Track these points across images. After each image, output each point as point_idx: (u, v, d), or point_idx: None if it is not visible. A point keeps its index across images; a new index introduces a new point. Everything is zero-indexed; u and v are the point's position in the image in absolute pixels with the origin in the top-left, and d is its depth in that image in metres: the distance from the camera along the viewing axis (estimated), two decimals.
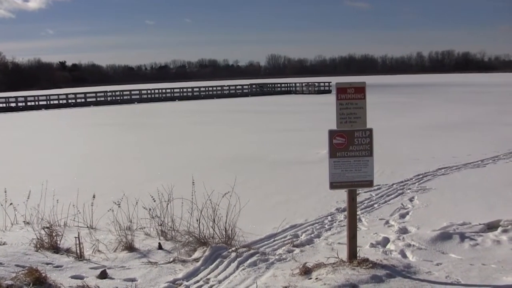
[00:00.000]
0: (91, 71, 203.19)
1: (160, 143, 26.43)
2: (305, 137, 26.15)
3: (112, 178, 16.98)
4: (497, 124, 30.22)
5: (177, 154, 22.37)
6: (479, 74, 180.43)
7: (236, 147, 24.02)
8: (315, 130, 27.00)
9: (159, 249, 9.25)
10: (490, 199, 12.88)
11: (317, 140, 22.25)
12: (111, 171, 18.56)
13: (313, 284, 7.15)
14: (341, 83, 7.84)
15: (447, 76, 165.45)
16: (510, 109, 41.12)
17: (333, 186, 7.92)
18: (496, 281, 7.36)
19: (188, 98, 78.45)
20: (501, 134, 25.57)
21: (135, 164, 20.15)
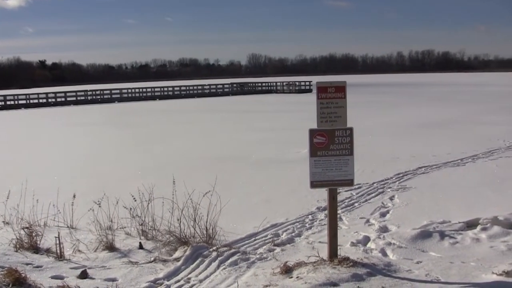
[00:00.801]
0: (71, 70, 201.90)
1: (140, 143, 26.34)
2: (285, 136, 26.17)
3: (93, 178, 16.90)
4: (477, 123, 30.42)
5: (157, 153, 22.31)
6: (459, 73, 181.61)
7: (217, 146, 23.99)
8: (296, 129, 27.03)
9: (140, 248, 9.23)
10: (470, 197, 12.97)
11: (297, 139, 22.31)
12: (92, 171, 18.48)
13: (294, 283, 7.16)
14: (321, 82, 7.85)
15: (427, 76, 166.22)
16: (489, 108, 41.41)
17: (313, 185, 7.94)
18: (476, 278, 7.41)
19: (169, 97, 78.21)
20: (481, 133, 25.73)
21: (115, 163, 20.08)
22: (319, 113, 7.80)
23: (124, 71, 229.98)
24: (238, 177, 16.30)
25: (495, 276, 7.39)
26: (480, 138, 23.59)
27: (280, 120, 36.71)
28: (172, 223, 9.45)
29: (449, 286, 7.08)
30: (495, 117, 33.97)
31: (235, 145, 24.18)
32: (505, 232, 9.61)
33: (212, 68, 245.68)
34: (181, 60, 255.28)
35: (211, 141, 25.90)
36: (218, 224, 9.45)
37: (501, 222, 9.98)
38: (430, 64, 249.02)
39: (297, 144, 21.37)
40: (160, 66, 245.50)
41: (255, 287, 7.20)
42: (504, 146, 21.19)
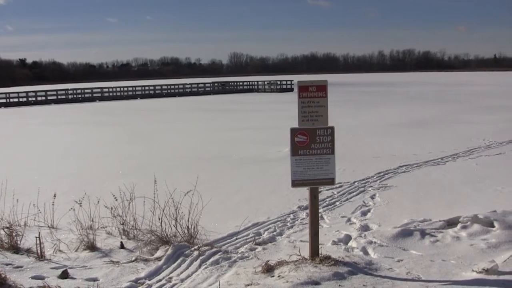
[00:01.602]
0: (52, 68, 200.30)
1: (121, 142, 26.25)
2: (267, 135, 26.19)
3: (74, 177, 16.82)
4: (457, 123, 30.59)
5: (139, 152, 22.24)
6: (439, 72, 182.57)
7: (198, 145, 23.96)
8: (277, 128, 27.10)
9: (121, 248, 9.20)
10: (450, 196, 13.05)
11: (279, 138, 22.35)
12: (73, 170, 18.38)
13: (276, 282, 7.17)
14: (303, 82, 7.86)
15: (408, 75, 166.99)
16: (469, 107, 41.67)
17: (295, 184, 7.95)
18: (456, 276, 7.46)
19: (150, 96, 78.02)
20: (461, 132, 25.89)
21: (96, 162, 19.99)
22: (300, 112, 7.81)
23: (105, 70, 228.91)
24: (219, 176, 16.29)
25: (475, 274, 7.44)
26: (461, 137, 23.73)
27: (261, 119, 36.71)
28: (154, 222, 9.44)
29: (430, 284, 7.11)
30: (475, 116, 34.17)
31: (216, 144, 24.15)
32: (485, 230, 9.67)
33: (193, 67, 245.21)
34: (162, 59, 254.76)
35: (192, 140, 25.85)
36: (200, 223, 9.44)
37: (481, 220, 10.03)
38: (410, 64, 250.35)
39: (279, 143, 21.40)
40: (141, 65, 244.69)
41: (236, 286, 7.20)
42: (484, 145, 21.33)
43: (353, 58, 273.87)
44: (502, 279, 7.14)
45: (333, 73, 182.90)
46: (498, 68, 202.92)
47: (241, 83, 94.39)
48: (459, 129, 27.07)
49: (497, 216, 10.21)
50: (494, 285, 6.89)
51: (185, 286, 7.38)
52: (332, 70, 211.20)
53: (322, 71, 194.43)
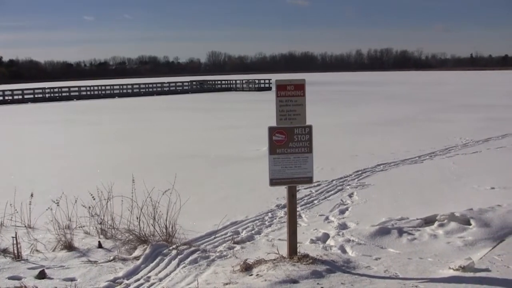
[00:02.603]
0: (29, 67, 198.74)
1: (99, 141, 26.11)
2: (245, 134, 26.20)
3: (51, 177, 16.71)
4: (434, 121, 30.79)
5: (117, 151, 22.15)
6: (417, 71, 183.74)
7: (176, 144, 23.90)
8: (255, 127, 27.10)
9: (99, 247, 9.16)
10: (427, 194, 13.14)
11: (257, 137, 22.33)
12: (50, 170, 18.26)
13: (254, 280, 7.18)
14: (280, 80, 7.88)
15: (385, 74, 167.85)
16: (446, 106, 41.98)
17: (273, 183, 7.96)
18: (433, 274, 7.52)
19: (128, 95, 77.65)
20: (438, 131, 26.07)
21: (74, 162, 19.86)
22: (278, 111, 7.82)
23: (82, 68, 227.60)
24: (197, 175, 16.27)
25: (452, 271, 7.50)
26: (437, 136, 23.90)
27: (239, 118, 36.70)
28: (132, 222, 9.42)
29: (407, 282, 7.16)
30: (452, 115, 34.43)
31: (194, 143, 24.11)
32: (461, 228, 9.75)
33: (171, 65, 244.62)
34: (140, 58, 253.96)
35: (170, 139, 25.79)
36: (178, 222, 9.42)
37: (457, 218, 10.11)
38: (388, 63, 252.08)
39: (257, 142, 21.41)
40: (119, 64, 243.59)
41: (215, 285, 7.20)
42: (461, 144, 21.49)
43: (331, 57, 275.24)
44: (478, 276, 7.21)
45: (311, 72, 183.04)
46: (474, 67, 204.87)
47: (219, 82, 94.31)
48: (436, 128, 27.25)
49: (474, 214, 10.30)
50: (471, 282, 6.95)
51: (163, 286, 7.37)
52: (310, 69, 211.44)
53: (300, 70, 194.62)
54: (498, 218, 10.14)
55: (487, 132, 24.91)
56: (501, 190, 13.35)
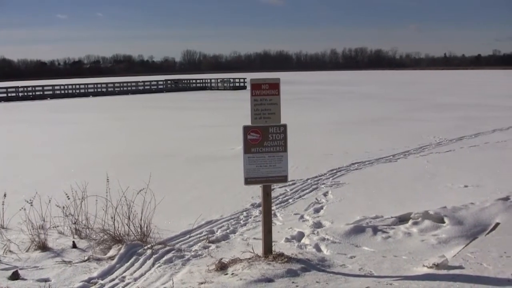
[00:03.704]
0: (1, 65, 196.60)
1: (73, 140, 25.91)
2: (220, 133, 26.17)
3: (24, 176, 16.54)
4: (408, 120, 30.98)
5: (91, 151, 22.00)
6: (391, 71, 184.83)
7: (151, 143, 23.80)
8: (230, 126, 27.09)
9: (73, 247, 9.12)
10: (401, 193, 13.22)
11: (232, 136, 22.34)
12: (23, 169, 18.08)
13: (229, 279, 7.18)
14: (255, 79, 7.89)
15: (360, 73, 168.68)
16: (420, 105, 42.27)
17: (248, 182, 7.97)
18: (407, 272, 7.58)
19: (102, 94, 77.10)
20: (412, 129, 26.23)
21: (47, 161, 19.71)
22: (253, 110, 7.83)
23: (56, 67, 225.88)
24: (172, 174, 16.22)
25: (426, 268, 7.57)
26: (412, 135, 24.04)
27: (214, 117, 36.66)
28: (106, 221, 9.38)
29: (382, 280, 7.20)
30: (426, 114, 34.68)
31: (169, 142, 24.03)
32: (435, 226, 9.84)
33: (146, 64, 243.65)
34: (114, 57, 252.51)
35: (145, 138, 25.68)
36: (153, 221, 9.41)
37: (431, 216, 10.20)
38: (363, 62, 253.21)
39: (231, 141, 21.40)
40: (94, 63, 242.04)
41: (190, 284, 7.20)
42: (434, 142, 21.64)
43: (306, 56, 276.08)
44: (452, 274, 7.27)
45: (286, 71, 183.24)
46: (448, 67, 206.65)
47: (194, 81, 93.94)
48: (410, 127, 27.42)
49: (447, 212, 10.40)
50: (444, 279, 7.00)
51: (138, 285, 7.35)
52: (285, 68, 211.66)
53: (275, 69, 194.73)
54: (471, 216, 10.26)
55: (460, 131, 25.12)
56: (474, 188, 13.46)
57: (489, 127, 26.54)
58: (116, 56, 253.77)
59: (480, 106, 39.79)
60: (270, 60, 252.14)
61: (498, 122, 28.77)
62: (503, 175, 14.94)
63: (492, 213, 10.53)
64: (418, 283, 6.94)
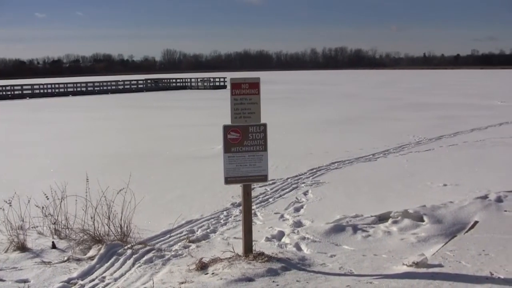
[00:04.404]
0: None
1: (53, 140, 25.76)
2: (200, 133, 26.14)
3: (3, 176, 16.44)
4: (388, 120, 31.12)
5: (70, 150, 21.89)
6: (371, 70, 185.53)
7: (131, 143, 23.72)
8: (210, 125, 27.05)
9: (52, 248, 9.07)
10: (381, 191, 13.28)
11: (212, 135, 22.32)
12: (2, 169, 17.94)
13: (210, 279, 7.18)
14: (235, 79, 7.90)
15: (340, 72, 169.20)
16: (400, 104, 42.49)
17: (228, 181, 7.97)
18: (387, 270, 7.62)
19: (82, 93, 76.70)
20: (391, 129, 26.36)
21: (26, 161, 19.58)
22: (233, 109, 7.84)
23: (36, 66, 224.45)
24: (152, 174, 16.17)
25: (405, 267, 7.61)
26: (391, 134, 24.16)
27: (194, 116, 36.60)
28: (86, 221, 9.34)
29: (362, 279, 7.23)
30: (405, 113, 34.85)
31: (149, 141, 23.97)
32: (414, 225, 9.90)
33: (126, 64, 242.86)
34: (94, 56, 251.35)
35: (125, 138, 25.58)
36: (133, 221, 9.38)
37: (411, 215, 10.25)
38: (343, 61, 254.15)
39: (212, 140, 21.38)
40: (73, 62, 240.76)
41: (170, 284, 7.18)
42: (414, 141, 21.76)
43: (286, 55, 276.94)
44: (431, 272, 7.33)
45: (266, 70, 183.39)
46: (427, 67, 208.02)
47: (174, 80, 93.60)
48: (390, 126, 27.54)
49: (427, 210, 10.46)
50: (424, 277, 7.06)
51: (118, 285, 7.33)
52: (265, 67, 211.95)
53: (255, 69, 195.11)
54: (450, 215, 10.32)
55: (439, 130, 25.28)
56: (453, 187, 13.56)
57: (467, 126, 26.72)
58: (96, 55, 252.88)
59: (459, 106, 40.05)
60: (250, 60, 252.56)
61: (476, 121, 28.97)
62: (481, 174, 15.05)
63: (470, 211, 10.60)
64: (397, 282, 6.99)
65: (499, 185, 13.14)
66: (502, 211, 10.77)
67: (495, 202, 11.40)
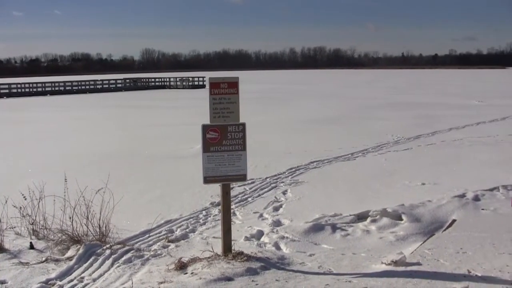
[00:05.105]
0: None
1: (30, 139, 25.60)
2: (179, 132, 26.10)
3: None
4: (367, 119, 31.24)
5: (49, 150, 21.75)
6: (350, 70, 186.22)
7: (109, 142, 23.61)
8: (189, 124, 26.96)
9: (30, 248, 9.01)
10: (360, 190, 13.33)
11: (191, 134, 22.27)
12: None
13: (189, 278, 7.17)
14: (214, 78, 7.90)
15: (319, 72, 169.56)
16: (378, 104, 42.68)
17: (207, 181, 7.98)
18: (366, 269, 7.66)
19: (60, 92, 76.18)
20: (370, 128, 26.48)
21: (3, 161, 19.43)
22: (212, 108, 7.85)
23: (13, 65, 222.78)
24: (131, 173, 16.12)
25: (384, 265, 7.65)
26: (370, 133, 24.27)
27: (173, 115, 36.51)
28: (64, 222, 9.29)
29: (341, 277, 7.26)
30: (384, 112, 35.05)
31: (128, 141, 23.87)
32: (393, 223, 9.95)
33: (104, 63, 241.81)
34: (73, 55, 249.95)
35: (104, 137, 25.46)
36: (112, 221, 9.35)
37: (389, 213, 10.30)
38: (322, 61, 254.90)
39: (191, 140, 21.35)
40: (51, 61, 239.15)
41: (149, 284, 7.17)
42: (392, 141, 21.87)
43: (265, 55, 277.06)
44: (409, 270, 7.37)
45: (245, 70, 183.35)
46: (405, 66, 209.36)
47: (153, 79, 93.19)
48: (369, 126, 27.66)
49: (405, 209, 10.53)
50: (402, 276, 7.10)
51: (97, 286, 7.30)
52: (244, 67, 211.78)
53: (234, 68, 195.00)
54: (428, 213, 10.40)
55: (417, 129, 25.45)
56: (431, 186, 13.65)
57: (445, 125, 26.93)
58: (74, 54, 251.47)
59: (437, 105, 40.32)
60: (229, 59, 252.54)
61: (454, 121, 29.20)
62: (459, 173, 15.16)
63: (448, 210, 10.70)
64: (376, 280, 7.02)
65: (476, 184, 13.24)
66: (479, 210, 10.87)
67: (473, 200, 11.52)
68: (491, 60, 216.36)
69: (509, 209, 10.61)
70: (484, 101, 43.29)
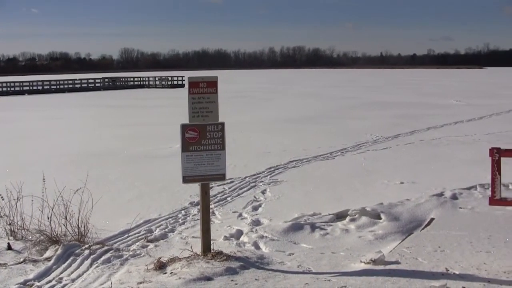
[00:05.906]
0: None
1: (8, 139, 25.40)
2: (158, 131, 26.03)
3: None
4: (345, 118, 31.36)
5: (26, 150, 21.61)
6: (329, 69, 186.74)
7: (88, 142, 23.50)
8: (168, 124, 26.92)
9: (8, 249, 8.94)
10: (339, 190, 13.38)
11: (170, 134, 22.23)
12: None
13: (168, 278, 7.16)
14: (193, 78, 7.90)
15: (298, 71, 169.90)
16: (357, 103, 42.85)
17: (186, 180, 7.98)
18: (345, 267, 7.70)
19: (38, 92, 75.64)
20: (349, 127, 26.60)
21: None
22: (191, 108, 7.85)
23: None
24: (110, 173, 16.05)
25: (363, 264, 7.69)
26: (349, 132, 24.37)
27: (152, 115, 36.45)
28: (43, 222, 9.24)
29: (320, 276, 7.28)
30: (363, 112, 35.18)
31: (106, 140, 23.77)
32: (372, 222, 10.00)
33: (83, 62, 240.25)
34: (51, 54, 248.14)
35: (82, 137, 25.33)
36: (90, 221, 9.31)
37: (368, 212, 10.35)
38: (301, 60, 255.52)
39: (169, 139, 21.32)
40: (29, 60, 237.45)
41: (129, 284, 7.15)
42: (371, 140, 21.96)
43: (244, 54, 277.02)
44: (388, 269, 7.42)
45: (224, 69, 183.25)
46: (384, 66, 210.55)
47: (132, 79, 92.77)
48: (347, 125, 27.78)
49: (384, 208, 10.59)
50: (381, 274, 7.14)
51: (76, 286, 7.28)
52: (223, 66, 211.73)
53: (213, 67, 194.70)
54: (407, 212, 10.46)
55: (396, 128, 25.58)
56: (409, 185, 13.73)
57: (424, 125, 27.10)
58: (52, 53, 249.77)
59: (415, 105, 40.55)
60: (208, 59, 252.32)
61: (432, 120, 29.39)
62: (437, 172, 15.26)
63: (427, 208, 10.77)
64: (355, 279, 7.05)
65: (454, 183, 13.34)
66: (457, 208, 10.95)
67: (451, 199, 11.61)
68: (469, 60, 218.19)
69: (486, 207, 10.66)
70: (462, 101, 43.58)
